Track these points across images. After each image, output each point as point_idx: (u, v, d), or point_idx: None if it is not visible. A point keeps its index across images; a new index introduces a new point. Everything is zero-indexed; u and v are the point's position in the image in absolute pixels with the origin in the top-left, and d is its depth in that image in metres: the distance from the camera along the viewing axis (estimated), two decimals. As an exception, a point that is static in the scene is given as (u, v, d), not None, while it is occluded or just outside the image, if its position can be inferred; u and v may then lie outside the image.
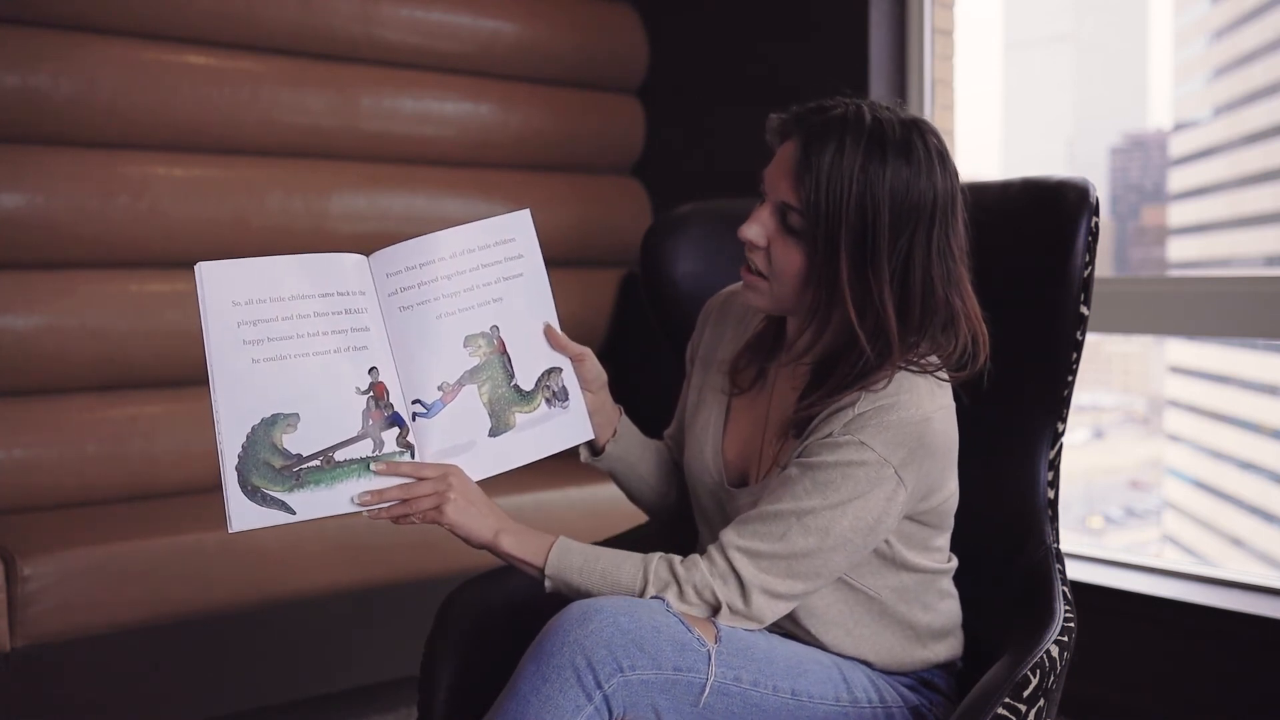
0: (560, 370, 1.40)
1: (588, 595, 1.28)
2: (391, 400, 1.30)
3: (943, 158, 1.28)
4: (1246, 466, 3.62)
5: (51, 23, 2.57)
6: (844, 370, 1.28)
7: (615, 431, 1.50)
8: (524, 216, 1.40)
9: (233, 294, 1.25)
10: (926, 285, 1.27)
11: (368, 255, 1.33)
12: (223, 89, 2.75)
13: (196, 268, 1.24)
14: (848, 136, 1.24)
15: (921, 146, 1.26)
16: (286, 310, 1.26)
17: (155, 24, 2.69)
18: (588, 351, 1.42)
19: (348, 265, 1.30)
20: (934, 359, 1.30)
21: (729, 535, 1.28)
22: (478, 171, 3.20)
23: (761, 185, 1.33)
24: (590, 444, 1.50)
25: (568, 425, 1.40)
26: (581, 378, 1.42)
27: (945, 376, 1.31)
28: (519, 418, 1.37)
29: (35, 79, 2.52)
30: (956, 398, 1.34)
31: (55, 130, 2.58)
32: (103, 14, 2.62)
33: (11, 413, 2.49)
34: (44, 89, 2.53)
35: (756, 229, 1.30)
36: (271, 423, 1.24)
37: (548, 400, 1.39)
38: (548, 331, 1.39)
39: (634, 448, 1.54)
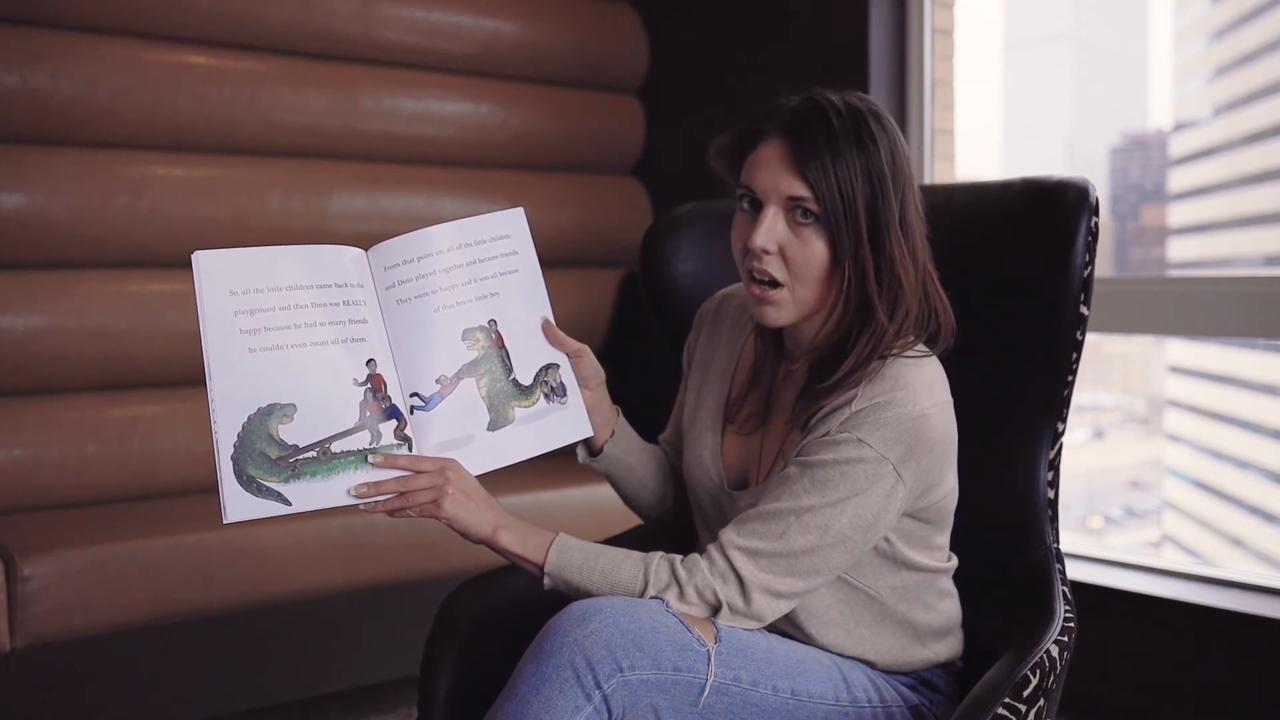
0: (558, 366, 1.40)
1: (587, 594, 1.28)
2: (389, 393, 1.30)
3: (893, 122, 1.32)
4: (1246, 466, 3.62)
5: (51, 23, 2.57)
6: (860, 347, 1.28)
7: (613, 433, 1.50)
8: (518, 214, 1.40)
9: (230, 283, 1.24)
10: (910, 237, 1.30)
11: (366, 251, 1.33)
12: (223, 89, 2.75)
13: (194, 256, 1.23)
14: (831, 120, 1.26)
15: (885, 115, 1.30)
16: (284, 300, 1.25)
17: (155, 24, 2.69)
18: (585, 348, 1.41)
19: (346, 258, 1.30)
20: (910, 338, 1.31)
21: (728, 534, 1.28)
22: (477, 171, 3.20)
23: (745, 196, 1.32)
24: (588, 445, 1.50)
25: (566, 421, 1.40)
26: (579, 374, 1.42)
27: (925, 349, 1.32)
28: (518, 412, 1.36)
29: (35, 79, 2.52)
30: (955, 396, 1.34)
31: (55, 130, 2.58)
32: (103, 14, 2.62)
33: (11, 413, 2.49)
34: (44, 89, 2.53)
35: (765, 234, 1.28)
36: (268, 413, 1.23)
37: (546, 395, 1.38)
38: (545, 327, 1.39)
39: (632, 450, 1.53)
